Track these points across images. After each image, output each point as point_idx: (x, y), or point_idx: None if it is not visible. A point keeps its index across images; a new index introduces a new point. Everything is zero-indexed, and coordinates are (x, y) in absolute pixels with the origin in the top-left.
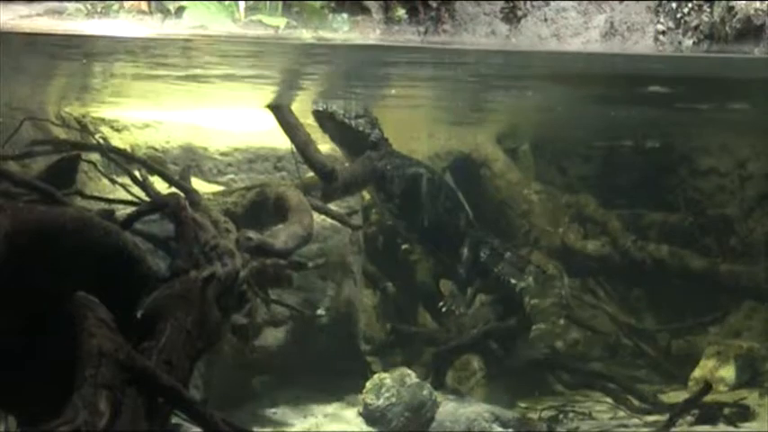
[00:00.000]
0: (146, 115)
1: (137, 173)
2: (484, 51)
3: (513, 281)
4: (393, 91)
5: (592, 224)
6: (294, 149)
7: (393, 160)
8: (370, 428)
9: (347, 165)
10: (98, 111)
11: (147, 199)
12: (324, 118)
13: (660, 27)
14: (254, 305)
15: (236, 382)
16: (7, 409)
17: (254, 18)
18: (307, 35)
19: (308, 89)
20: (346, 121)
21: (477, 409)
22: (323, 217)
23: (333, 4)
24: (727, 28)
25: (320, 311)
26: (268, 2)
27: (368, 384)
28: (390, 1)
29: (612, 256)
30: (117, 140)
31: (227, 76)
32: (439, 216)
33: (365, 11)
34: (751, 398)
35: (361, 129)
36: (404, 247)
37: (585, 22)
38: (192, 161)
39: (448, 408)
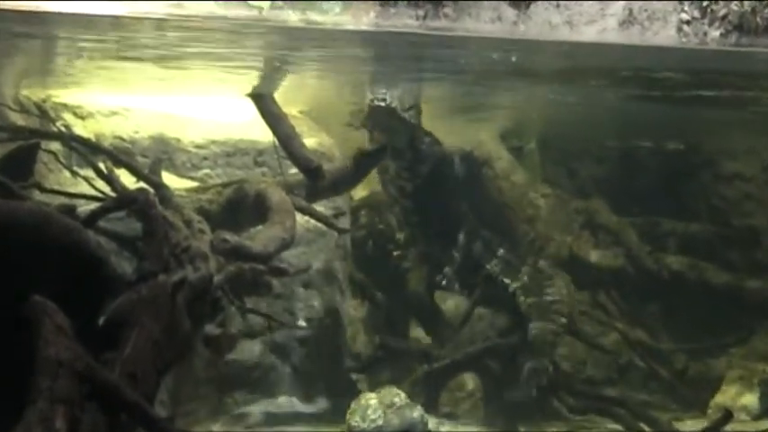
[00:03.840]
0: (113, 101)
1: (101, 165)
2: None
3: (506, 281)
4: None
5: (604, 233)
6: (276, 143)
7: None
8: None
9: (335, 162)
10: (60, 95)
11: (112, 194)
12: (382, 113)
13: (684, 16)
14: (228, 314)
15: (207, 399)
16: None
17: None
18: (293, 17)
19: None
20: (404, 116)
21: None
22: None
23: None
24: (758, 19)
25: (301, 323)
26: None
27: (353, 405)
28: None
29: (626, 269)
30: (80, 129)
31: (203, 59)
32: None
33: None
34: None
35: (413, 122)
36: (395, 253)
37: (602, 8)
38: (163, 153)
39: None
